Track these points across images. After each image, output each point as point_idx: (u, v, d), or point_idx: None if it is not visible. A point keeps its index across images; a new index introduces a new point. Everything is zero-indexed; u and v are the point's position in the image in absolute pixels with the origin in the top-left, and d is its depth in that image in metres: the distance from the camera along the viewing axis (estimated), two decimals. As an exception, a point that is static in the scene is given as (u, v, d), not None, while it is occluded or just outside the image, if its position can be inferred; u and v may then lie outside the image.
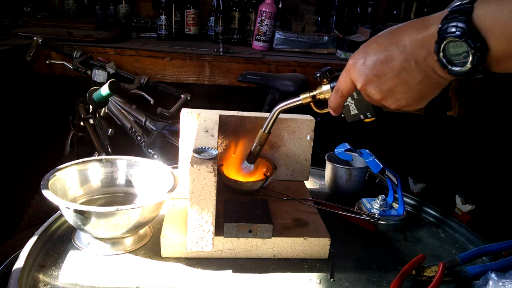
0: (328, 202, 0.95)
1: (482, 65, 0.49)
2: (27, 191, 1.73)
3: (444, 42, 0.50)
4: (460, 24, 0.48)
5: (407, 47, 0.54)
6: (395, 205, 0.97)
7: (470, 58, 0.49)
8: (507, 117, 2.07)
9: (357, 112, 0.68)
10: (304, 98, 0.73)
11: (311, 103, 0.73)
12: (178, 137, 0.95)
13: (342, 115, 0.70)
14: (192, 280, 0.73)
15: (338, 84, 0.64)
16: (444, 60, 0.51)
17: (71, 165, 0.86)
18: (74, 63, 1.75)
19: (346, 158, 1.07)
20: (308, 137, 1.00)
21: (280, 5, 2.61)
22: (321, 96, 0.71)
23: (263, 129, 0.82)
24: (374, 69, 0.57)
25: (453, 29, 0.49)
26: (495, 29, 0.47)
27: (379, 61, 0.57)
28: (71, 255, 0.77)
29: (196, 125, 0.91)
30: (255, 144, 0.84)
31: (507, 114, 2.06)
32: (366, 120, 0.69)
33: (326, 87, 0.70)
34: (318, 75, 0.69)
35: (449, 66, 0.51)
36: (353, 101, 0.67)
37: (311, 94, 0.72)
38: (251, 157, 0.87)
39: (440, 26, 0.51)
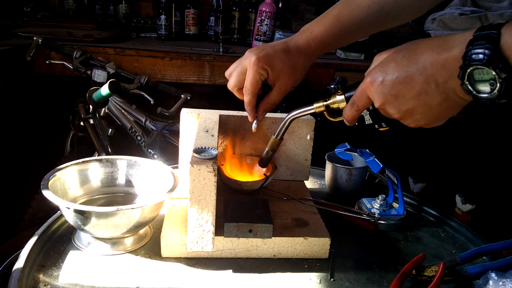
0: (328, 202, 0.95)
1: (510, 92, 0.49)
2: (27, 191, 1.73)
3: (470, 69, 0.49)
4: (487, 52, 0.48)
5: (427, 69, 0.53)
6: (395, 205, 0.97)
7: (498, 86, 0.48)
8: (507, 117, 2.07)
9: (371, 122, 0.67)
10: (317, 107, 0.73)
11: (324, 112, 0.73)
12: (178, 137, 0.95)
13: (356, 124, 0.69)
14: (192, 280, 0.73)
15: (354, 98, 0.63)
16: (469, 87, 0.50)
17: (71, 165, 0.86)
18: (74, 63, 1.75)
19: (346, 158, 1.07)
20: (308, 137, 1.00)
21: (280, 5, 2.60)
22: (335, 106, 0.70)
23: (275, 136, 0.82)
24: (393, 90, 0.56)
25: (480, 56, 0.48)
26: None
27: (398, 81, 0.56)
28: (71, 255, 0.77)
29: (196, 125, 0.91)
30: (267, 149, 0.85)
31: (507, 114, 2.06)
32: (381, 129, 0.68)
33: (340, 98, 0.69)
34: (332, 86, 0.69)
35: (474, 92, 0.51)
36: (368, 112, 0.66)
37: (325, 103, 0.72)
38: (263, 162, 0.88)
39: (465, 51, 0.50)
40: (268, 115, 0.99)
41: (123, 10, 2.46)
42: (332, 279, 0.75)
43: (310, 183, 1.13)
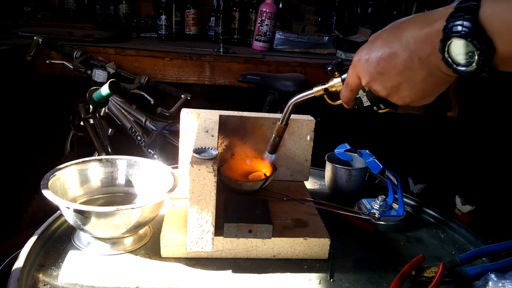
0: (328, 203, 0.95)
1: (489, 65, 0.48)
2: (27, 191, 1.73)
3: (449, 41, 0.49)
4: (466, 23, 0.47)
5: (410, 44, 0.53)
6: (395, 206, 0.97)
7: (476, 58, 0.48)
8: (507, 117, 2.07)
9: (370, 104, 0.68)
10: (316, 91, 0.73)
11: (324, 96, 0.74)
12: (178, 137, 0.95)
13: (356, 107, 0.70)
14: (192, 280, 0.73)
15: (346, 79, 0.64)
16: (449, 60, 0.50)
17: (71, 165, 0.86)
18: (74, 63, 1.75)
19: (346, 159, 1.07)
20: (308, 138, 1.00)
21: (280, 5, 2.60)
22: (333, 89, 0.71)
23: (279, 122, 0.82)
24: (378, 67, 0.57)
25: (459, 28, 0.47)
26: (503, 30, 0.46)
27: (383, 58, 0.56)
28: (71, 255, 0.77)
29: (196, 125, 0.91)
30: (274, 136, 0.85)
31: (507, 114, 2.06)
32: (381, 111, 0.68)
33: (337, 80, 0.70)
34: (329, 68, 0.70)
35: (454, 66, 0.50)
36: (365, 93, 0.67)
37: (323, 87, 0.72)
38: (272, 148, 0.87)
39: (445, 24, 0.49)
40: (268, 115, 0.99)
41: (124, 10, 2.46)
42: (331, 280, 0.75)
43: (310, 184, 1.13)
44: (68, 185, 0.84)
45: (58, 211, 0.84)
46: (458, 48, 0.49)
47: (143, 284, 0.71)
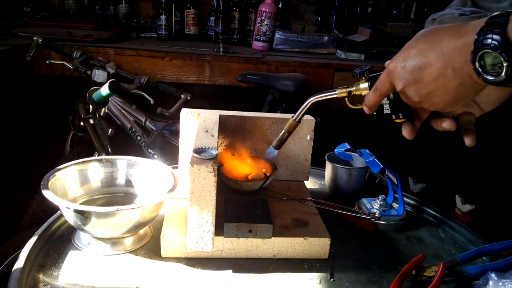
0: (328, 202, 0.95)
1: None
2: (27, 191, 1.73)
3: (480, 53, 0.53)
4: (495, 37, 0.51)
5: (445, 54, 0.57)
6: (395, 205, 0.97)
7: (504, 70, 0.52)
8: (507, 117, 2.07)
9: (390, 112, 0.70)
10: (340, 92, 0.74)
11: (345, 98, 0.75)
12: (178, 137, 0.95)
13: (374, 114, 0.72)
14: (192, 280, 0.73)
15: (377, 84, 0.66)
16: (480, 70, 0.54)
17: (71, 165, 0.86)
18: (74, 63, 1.75)
19: (346, 158, 1.07)
20: (308, 137, 1.00)
21: (280, 5, 2.60)
22: (357, 93, 0.72)
23: (293, 118, 0.81)
24: (413, 74, 0.60)
25: (489, 41, 0.52)
26: None
27: (418, 67, 0.59)
28: (71, 255, 0.77)
29: (196, 125, 0.91)
30: (283, 131, 0.84)
31: (507, 114, 2.06)
32: (398, 120, 0.71)
33: (364, 85, 0.71)
34: (357, 72, 0.71)
35: (484, 75, 0.54)
36: (388, 101, 0.69)
37: (348, 90, 0.73)
38: (278, 143, 0.85)
39: (476, 37, 0.53)
40: (268, 115, 0.99)
41: (123, 10, 2.46)
42: (332, 279, 0.75)
43: (310, 183, 1.13)
44: (68, 185, 0.84)
45: (58, 212, 0.84)
46: (488, 60, 0.53)
47: (143, 284, 0.71)
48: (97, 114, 1.73)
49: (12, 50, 1.83)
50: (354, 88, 0.73)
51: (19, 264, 0.70)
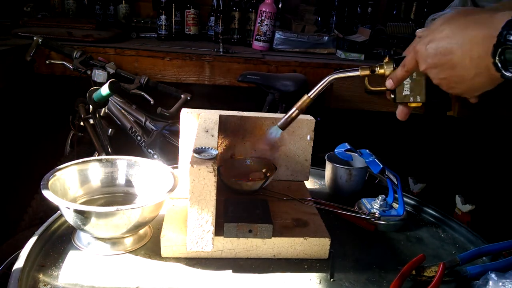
0: (328, 202, 0.95)
1: None
2: (27, 191, 1.73)
3: (502, 48, 0.52)
4: None
5: (466, 43, 0.57)
6: (395, 205, 0.97)
7: None
8: (507, 117, 2.07)
9: (408, 93, 0.72)
10: (362, 70, 0.75)
11: (366, 78, 0.75)
12: (178, 137, 0.95)
13: (392, 96, 0.73)
14: (192, 280, 0.73)
15: (405, 60, 0.69)
16: (499, 65, 0.54)
17: (71, 165, 0.86)
18: (74, 63, 1.75)
19: (346, 158, 1.07)
20: (308, 137, 1.00)
21: (280, 5, 2.60)
22: (381, 71, 0.73)
23: (309, 95, 0.78)
24: (435, 58, 0.62)
25: (511, 37, 0.51)
26: None
27: (440, 52, 0.61)
28: (71, 255, 0.77)
29: (196, 125, 0.91)
30: (294, 108, 0.79)
31: (507, 114, 2.06)
32: (412, 104, 0.73)
33: (388, 64, 0.73)
34: (383, 52, 0.74)
35: (503, 71, 0.54)
36: (410, 81, 0.71)
37: (372, 68, 0.74)
38: (285, 123, 0.80)
39: (500, 31, 0.52)
40: (268, 115, 0.99)
41: (123, 10, 2.46)
42: (332, 279, 0.75)
43: (310, 183, 1.13)
44: (68, 185, 0.84)
45: (58, 211, 0.84)
46: (509, 55, 0.53)
47: (143, 284, 0.71)
48: (97, 114, 1.73)
49: (12, 50, 1.83)
50: (378, 67, 0.74)
51: (19, 264, 0.70)
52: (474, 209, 1.77)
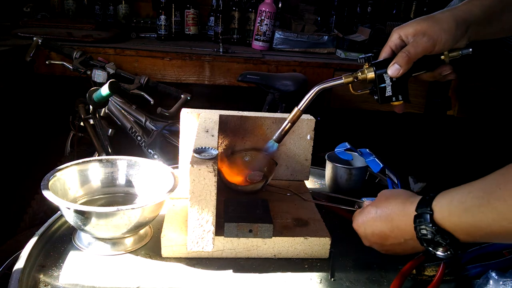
0: (328, 202, 0.95)
1: (458, 250, 0.63)
2: (27, 191, 1.73)
3: (423, 239, 0.64)
4: (428, 229, 0.62)
5: (394, 220, 0.70)
6: (396, 205, 0.97)
7: (448, 251, 0.63)
8: (507, 116, 2.07)
9: (391, 94, 0.77)
10: (346, 78, 0.78)
11: (350, 84, 0.79)
12: (178, 137, 0.95)
13: (376, 97, 0.78)
14: (192, 280, 0.73)
15: (397, 57, 0.74)
16: (430, 249, 0.65)
17: (71, 165, 0.86)
18: (74, 63, 1.75)
19: (346, 158, 1.07)
20: (308, 137, 1.00)
21: (280, 4, 2.60)
22: (363, 76, 0.77)
23: (298, 107, 0.81)
24: (373, 238, 0.76)
25: (424, 232, 0.63)
26: (456, 230, 0.61)
27: (376, 234, 0.74)
28: (72, 255, 0.77)
29: (196, 125, 0.91)
30: (286, 122, 0.82)
31: (507, 114, 2.06)
32: (394, 103, 0.78)
33: (368, 69, 0.77)
34: (362, 57, 0.79)
35: (436, 252, 0.65)
36: (391, 84, 0.76)
37: (354, 75, 0.78)
38: (280, 136, 0.84)
39: (414, 225, 0.64)
40: (268, 115, 0.99)
41: (123, 10, 2.46)
42: (332, 279, 0.75)
43: (310, 183, 1.13)
44: (69, 185, 0.84)
45: (59, 212, 0.84)
46: (431, 242, 0.64)
47: (144, 284, 0.71)
48: (97, 114, 1.74)
49: (12, 51, 1.84)
50: (360, 73, 0.77)
51: (20, 264, 0.70)
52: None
